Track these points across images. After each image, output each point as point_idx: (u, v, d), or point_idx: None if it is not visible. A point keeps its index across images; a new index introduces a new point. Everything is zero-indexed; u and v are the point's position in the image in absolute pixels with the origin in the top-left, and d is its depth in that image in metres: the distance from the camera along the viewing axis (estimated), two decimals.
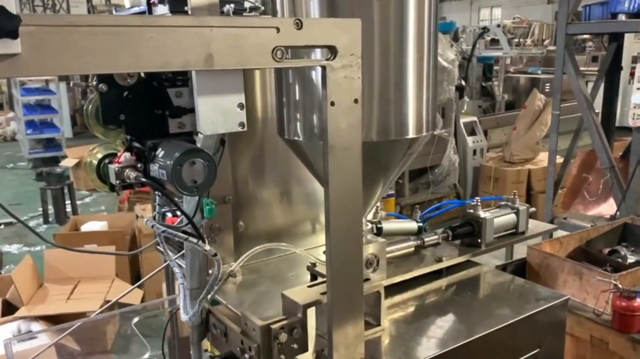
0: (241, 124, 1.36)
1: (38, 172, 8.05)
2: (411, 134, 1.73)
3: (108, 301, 4.78)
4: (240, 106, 1.35)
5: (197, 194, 1.38)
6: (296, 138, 1.76)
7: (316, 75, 1.63)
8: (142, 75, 1.43)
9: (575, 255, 3.37)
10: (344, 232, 1.45)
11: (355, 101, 1.40)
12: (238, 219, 2.14)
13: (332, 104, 1.36)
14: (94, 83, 1.40)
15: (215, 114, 1.32)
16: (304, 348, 1.55)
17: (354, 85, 1.39)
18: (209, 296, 1.68)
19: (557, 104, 4.25)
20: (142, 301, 5.00)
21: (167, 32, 1.13)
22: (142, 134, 1.45)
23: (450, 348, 1.64)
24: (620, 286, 2.72)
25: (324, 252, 1.77)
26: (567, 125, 10.77)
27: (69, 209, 8.38)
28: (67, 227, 6.14)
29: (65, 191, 8.16)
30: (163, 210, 1.76)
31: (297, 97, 1.74)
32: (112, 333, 4.73)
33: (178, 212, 2.07)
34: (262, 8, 2.18)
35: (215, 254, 1.50)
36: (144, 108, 1.45)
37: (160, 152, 1.40)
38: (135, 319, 2.21)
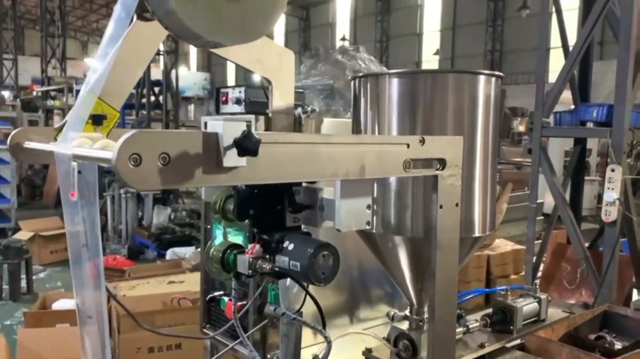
0: (368, 223, 1.55)
1: None
2: (477, 232, 1.97)
3: None
4: (368, 206, 1.55)
5: (324, 285, 1.53)
6: (374, 231, 1.96)
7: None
8: None
9: (565, 340, 3.63)
10: (446, 314, 1.64)
11: (457, 204, 1.63)
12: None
13: (441, 206, 1.59)
14: None
15: (351, 213, 1.51)
16: None
17: (457, 192, 1.63)
18: None
19: (534, 198, 4.68)
20: None
21: (337, 147, 1.33)
22: (265, 227, 1.61)
23: None
24: None
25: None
26: (517, 213, 11.39)
27: (22, 283, 8.01)
28: (36, 305, 5.89)
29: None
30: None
31: (376, 194, 1.95)
32: None
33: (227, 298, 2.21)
34: (317, 109, 2.43)
35: (328, 339, 1.63)
36: (270, 204, 1.61)
37: (289, 245, 1.55)
38: None
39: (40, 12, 19.79)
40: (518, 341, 3.14)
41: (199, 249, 8.48)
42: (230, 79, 38.89)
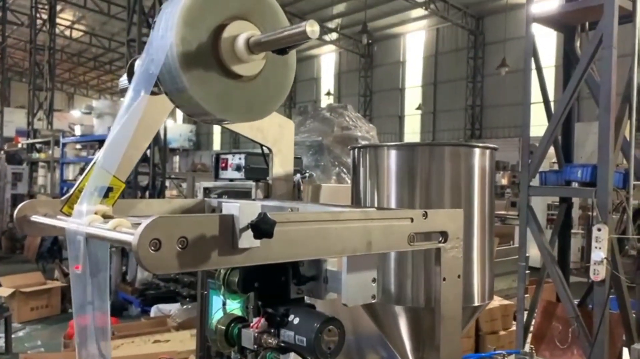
0: (373, 296, 1.57)
1: None
2: (476, 302, 1.99)
3: None
4: (374, 280, 1.57)
5: None
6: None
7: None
8: None
9: None
10: None
11: (459, 276, 1.66)
12: None
13: (444, 279, 1.62)
14: None
15: (357, 287, 1.53)
16: None
17: (459, 264, 1.66)
18: None
19: (523, 256, 4.72)
20: None
21: (345, 224, 1.37)
22: (270, 300, 1.62)
23: None
24: None
25: None
26: (504, 267, 11.40)
27: (1, 342, 7.75)
28: None
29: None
30: None
31: None
32: None
33: None
34: (313, 174, 2.48)
35: None
36: (274, 277, 1.63)
37: (294, 319, 1.56)
38: None
39: (29, 65, 19.91)
40: None
41: (184, 307, 8.31)
42: (216, 132, 39.21)
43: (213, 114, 1.49)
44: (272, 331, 1.57)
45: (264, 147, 2.21)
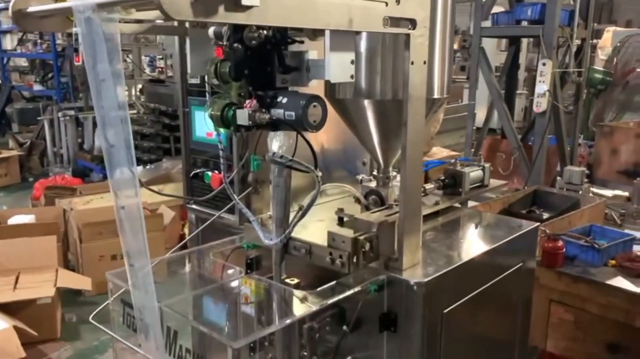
0: (352, 76, 1.78)
1: None
2: (436, 94, 2.24)
3: (59, 289, 4.75)
4: (352, 61, 1.77)
5: (317, 131, 1.76)
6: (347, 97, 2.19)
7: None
8: (262, 38, 1.78)
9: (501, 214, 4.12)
10: (414, 162, 1.93)
11: (424, 62, 1.88)
12: None
13: (412, 63, 1.83)
14: (227, 43, 1.74)
15: (339, 66, 1.73)
16: (377, 256, 1.99)
17: (425, 50, 1.88)
18: (302, 217, 2.00)
19: (473, 95, 5.05)
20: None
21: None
22: (260, 86, 1.80)
23: (464, 261, 2.12)
24: (548, 231, 3.47)
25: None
26: (452, 124, 11.95)
27: None
28: None
29: None
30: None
31: None
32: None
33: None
34: None
35: (318, 178, 1.88)
36: (262, 65, 1.80)
37: (282, 99, 1.76)
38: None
39: None
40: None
41: (147, 167, 8.50)
42: None
43: None
44: (263, 110, 1.78)
45: None
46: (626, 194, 4.76)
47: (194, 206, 2.71)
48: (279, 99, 1.77)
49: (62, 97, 10.32)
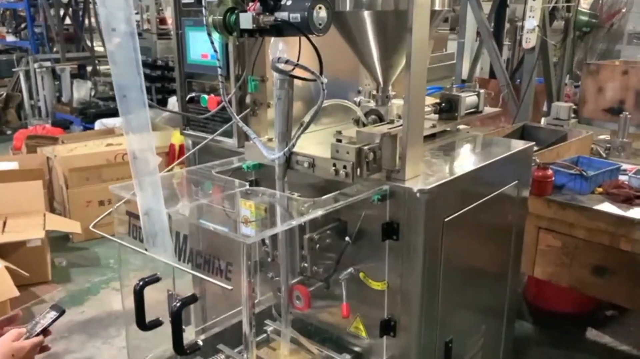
0: None
1: None
2: (437, 6, 2.22)
3: (48, 231, 4.73)
4: None
5: (323, 34, 1.74)
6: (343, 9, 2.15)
7: None
8: None
9: None
10: (418, 72, 1.92)
11: None
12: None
13: None
14: None
15: None
16: (379, 168, 2.00)
17: None
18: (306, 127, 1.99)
19: (463, 32, 5.02)
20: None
21: None
22: None
23: (464, 172, 2.16)
24: (538, 161, 3.53)
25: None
26: (436, 73, 11.93)
27: None
28: None
29: None
30: None
31: None
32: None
33: None
34: None
35: (323, 86, 1.85)
36: None
37: (287, 2, 1.73)
38: None
39: None
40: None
41: None
42: None
43: None
44: (267, 13, 1.75)
45: None
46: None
47: (190, 132, 2.68)
48: (283, 2, 1.74)
49: (37, 49, 10.01)
